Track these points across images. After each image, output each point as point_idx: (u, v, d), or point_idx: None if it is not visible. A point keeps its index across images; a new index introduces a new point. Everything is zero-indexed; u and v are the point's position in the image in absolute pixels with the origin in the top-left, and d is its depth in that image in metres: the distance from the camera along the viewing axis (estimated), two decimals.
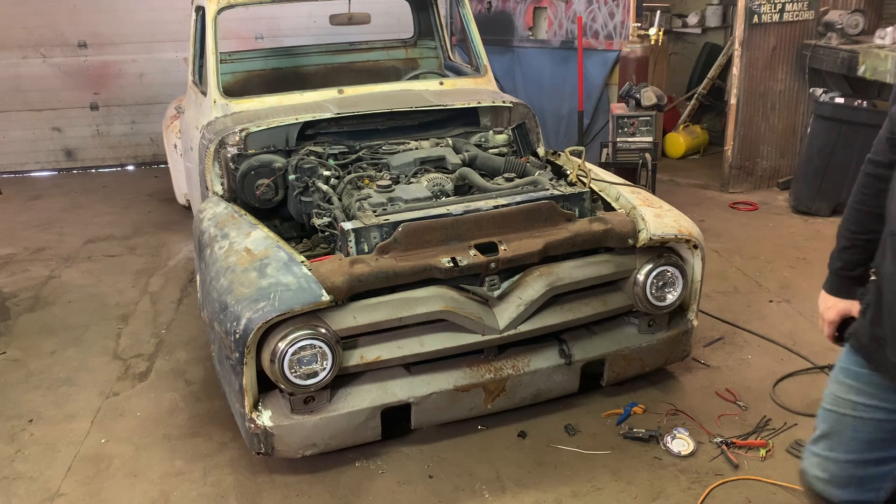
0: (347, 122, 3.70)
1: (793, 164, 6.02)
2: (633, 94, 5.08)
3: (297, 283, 2.59)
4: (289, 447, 2.72)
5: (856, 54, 5.24)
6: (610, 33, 6.27)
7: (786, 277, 4.47)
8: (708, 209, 5.68)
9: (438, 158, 3.46)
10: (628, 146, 5.02)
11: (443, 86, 4.13)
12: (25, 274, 4.92)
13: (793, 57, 5.88)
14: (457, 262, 2.72)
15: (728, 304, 4.13)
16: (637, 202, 3.13)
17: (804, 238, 5.11)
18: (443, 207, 2.92)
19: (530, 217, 2.90)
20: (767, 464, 2.85)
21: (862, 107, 5.22)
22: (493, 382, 2.89)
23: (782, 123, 6.07)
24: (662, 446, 2.95)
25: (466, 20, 4.42)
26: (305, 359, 2.57)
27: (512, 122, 3.86)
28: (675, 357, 3.27)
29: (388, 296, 2.74)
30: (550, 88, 6.68)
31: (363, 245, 2.78)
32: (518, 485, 2.80)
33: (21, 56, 7.10)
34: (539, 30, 6.82)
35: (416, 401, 2.80)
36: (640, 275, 2.99)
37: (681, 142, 7.12)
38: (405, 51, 5.37)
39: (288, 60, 5.20)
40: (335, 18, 4.94)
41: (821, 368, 3.47)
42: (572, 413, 3.18)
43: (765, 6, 5.67)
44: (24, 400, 3.48)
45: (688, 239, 3.04)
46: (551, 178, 3.28)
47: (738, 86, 5.87)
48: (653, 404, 3.23)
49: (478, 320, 2.80)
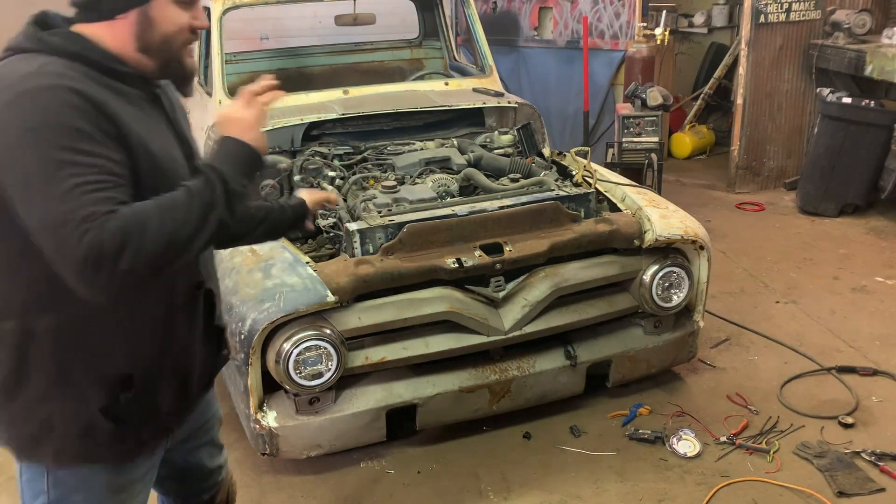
0: (353, 123, 3.70)
1: (799, 164, 6.00)
2: (638, 95, 5.06)
3: (303, 283, 2.59)
4: (294, 448, 2.71)
5: (863, 54, 5.22)
6: (616, 33, 6.25)
7: (793, 278, 4.45)
8: (714, 210, 5.66)
9: (444, 159, 3.46)
10: (634, 146, 4.99)
11: (448, 86, 4.13)
12: None
13: (799, 57, 5.86)
14: (462, 263, 2.72)
15: (734, 305, 4.11)
16: (643, 203, 3.12)
17: (811, 239, 5.09)
18: (448, 208, 2.91)
19: (536, 218, 2.90)
20: (774, 465, 2.84)
21: (869, 107, 5.20)
22: (499, 384, 2.88)
23: (789, 123, 6.04)
24: (668, 447, 2.94)
25: (471, 20, 4.42)
26: (310, 359, 2.56)
27: (517, 123, 3.85)
28: (681, 358, 3.26)
29: (393, 297, 2.74)
30: (556, 89, 6.66)
31: (368, 246, 2.78)
32: (523, 486, 2.79)
33: None
34: (544, 30, 6.80)
35: (422, 402, 2.80)
36: (645, 276, 2.98)
37: (687, 142, 7.10)
38: (410, 51, 5.36)
39: (293, 61, 5.20)
40: (340, 19, 4.94)
41: (828, 370, 3.45)
42: (578, 414, 3.17)
43: (771, 6, 5.65)
44: None
45: (694, 240, 3.03)
46: (557, 178, 3.28)
47: (745, 86, 5.85)
48: (658, 405, 3.22)
49: (483, 321, 2.79)
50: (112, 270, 1.27)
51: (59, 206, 1.27)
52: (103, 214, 1.26)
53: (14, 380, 1.47)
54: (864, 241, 5.01)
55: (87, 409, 1.49)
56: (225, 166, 1.44)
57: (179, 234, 1.33)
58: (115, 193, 1.31)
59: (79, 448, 1.51)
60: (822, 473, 2.77)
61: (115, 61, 1.46)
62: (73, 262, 1.27)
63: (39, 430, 1.49)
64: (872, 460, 2.82)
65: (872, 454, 2.84)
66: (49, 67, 1.37)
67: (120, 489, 1.60)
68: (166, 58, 1.51)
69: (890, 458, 2.83)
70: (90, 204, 1.27)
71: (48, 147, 1.29)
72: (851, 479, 2.73)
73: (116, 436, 1.52)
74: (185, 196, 1.36)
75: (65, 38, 1.43)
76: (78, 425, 1.49)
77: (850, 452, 2.88)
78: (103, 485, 1.57)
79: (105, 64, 1.44)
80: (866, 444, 2.92)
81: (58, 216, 1.26)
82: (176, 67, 1.54)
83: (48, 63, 1.38)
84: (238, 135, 1.49)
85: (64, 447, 1.51)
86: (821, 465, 2.81)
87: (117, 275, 1.28)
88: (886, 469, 2.77)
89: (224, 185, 1.40)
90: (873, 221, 5.33)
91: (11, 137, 1.30)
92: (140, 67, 1.50)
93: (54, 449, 1.51)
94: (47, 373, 1.46)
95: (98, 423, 1.49)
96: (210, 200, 1.38)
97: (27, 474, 1.56)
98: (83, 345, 1.46)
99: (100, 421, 1.49)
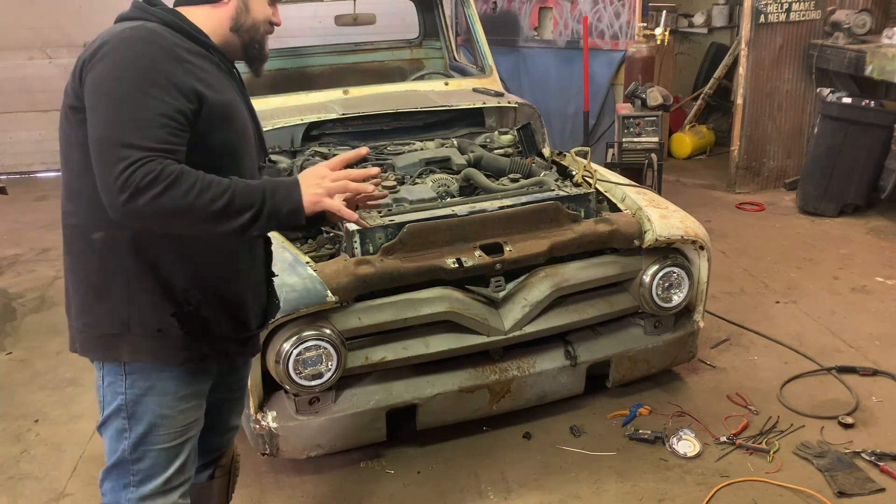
0: (353, 123, 3.70)
1: (799, 164, 6.00)
2: (638, 94, 5.06)
3: (303, 283, 2.59)
4: (294, 448, 2.71)
5: (863, 54, 5.22)
6: (616, 33, 6.26)
7: (793, 278, 4.45)
8: (714, 210, 5.66)
9: (444, 159, 3.46)
10: (634, 146, 4.99)
11: (448, 86, 4.13)
12: (31, 274, 4.93)
13: (799, 57, 5.86)
14: (462, 263, 2.72)
15: (734, 305, 4.11)
16: (643, 203, 3.12)
17: (811, 239, 5.09)
18: (448, 208, 2.91)
19: (536, 218, 2.90)
20: (774, 465, 2.84)
21: (869, 107, 5.20)
22: (499, 384, 2.88)
23: (789, 123, 6.04)
24: (668, 448, 2.94)
25: (472, 20, 4.42)
26: (310, 360, 2.56)
27: (517, 123, 3.85)
28: (681, 358, 3.26)
29: (393, 297, 2.74)
30: (556, 89, 6.66)
31: (368, 246, 2.78)
32: (523, 486, 2.79)
33: (27, 57, 7.12)
34: (544, 30, 6.81)
35: (422, 402, 2.80)
36: (645, 276, 2.98)
37: (687, 142, 7.10)
38: (410, 51, 5.36)
39: (293, 61, 5.20)
40: (340, 19, 4.94)
41: (828, 370, 3.45)
42: (578, 414, 3.17)
43: (771, 6, 5.65)
44: (29, 400, 3.49)
45: (694, 240, 3.03)
46: (557, 178, 3.28)
47: (745, 86, 5.85)
48: (658, 406, 3.22)
49: (483, 321, 2.79)
50: (131, 202, 1.46)
51: (116, 128, 1.50)
52: (147, 150, 1.48)
53: (101, 283, 1.71)
54: (864, 241, 5.01)
55: (159, 314, 1.71)
56: (276, 198, 1.61)
57: (194, 212, 1.51)
58: (167, 135, 1.52)
59: (151, 346, 1.72)
60: (822, 473, 2.77)
61: (203, 34, 1.74)
62: (105, 179, 1.49)
63: (121, 329, 1.71)
64: (872, 460, 2.82)
65: (872, 454, 2.84)
66: (147, 26, 1.64)
67: (183, 398, 1.80)
68: (250, 39, 1.82)
69: (890, 458, 2.83)
70: (140, 137, 1.48)
71: (130, 84, 1.52)
72: (851, 480, 2.73)
73: (183, 341, 1.74)
74: (226, 189, 1.54)
75: (164, 10, 1.72)
76: (152, 326, 1.71)
77: (850, 452, 2.88)
78: (170, 390, 1.77)
79: (194, 34, 1.71)
80: (866, 444, 2.92)
81: (111, 135, 1.49)
82: (257, 49, 1.85)
83: (147, 24, 1.65)
84: (305, 188, 1.65)
85: (140, 344, 1.72)
86: (821, 465, 2.81)
87: (135, 208, 1.47)
88: (886, 469, 2.77)
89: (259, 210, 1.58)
90: (873, 221, 5.33)
91: (105, 70, 1.55)
92: (226, 44, 1.79)
93: (131, 346, 1.72)
94: (128, 279, 1.69)
95: (168, 327, 1.72)
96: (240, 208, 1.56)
97: (108, 378, 1.76)
98: (155, 260, 1.69)
99: (170, 325, 1.72)
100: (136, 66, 1.55)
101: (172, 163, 1.50)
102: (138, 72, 1.54)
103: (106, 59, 1.55)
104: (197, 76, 1.62)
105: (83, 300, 1.75)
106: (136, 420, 1.76)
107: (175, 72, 1.58)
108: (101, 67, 1.55)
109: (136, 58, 1.56)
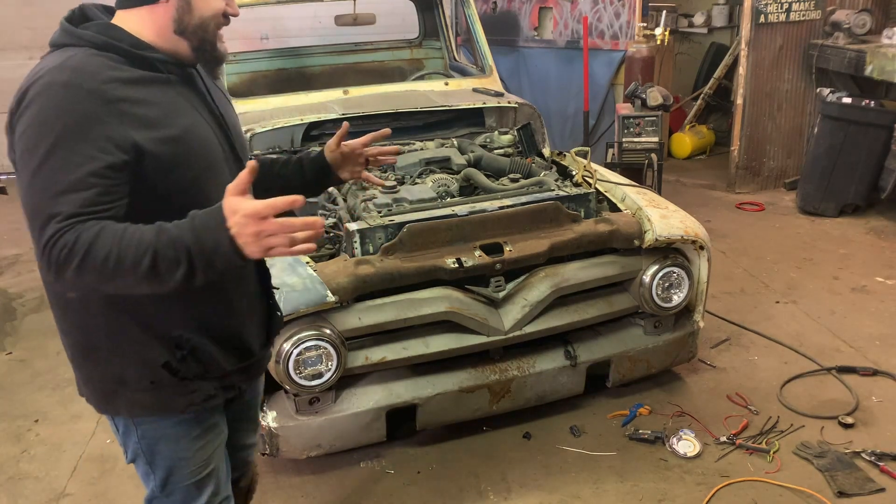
0: (353, 123, 3.68)
1: (799, 164, 6.00)
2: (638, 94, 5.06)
3: (303, 283, 2.59)
4: (294, 448, 2.71)
5: (863, 54, 5.22)
6: (615, 33, 6.26)
7: (793, 278, 4.45)
8: (714, 210, 5.66)
9: (443, 159, 3.46)
10: (634, 146, 4.99)
11: (448, 86, 4.13)
12: (32, 274, 4.93)
13: (799, 57, 5.86)
14: (462, 263, 2.72)
15: (734, 305, 4.11)
16: (643, 203, 3.12)
17: (811, 239, 5.09)
18: (448, 208, 2.91)
19: (536, 218, 2.90)
20: (774, 465, 2.84)
21: (869, 107, 5.19)
22: (499, 384, 2.88)
23: (789, 123, 6.04)
24: (668, 448, 2.94)
25: (471, 20, 4.41)
26: (310, 360, 2.57)
27: (517, 123, 3.85)
28: (681, 358, 3.26)
29: (393, 297, 2.74)
30: (556, 89, 6.66)
31: (368, 246, 2.78)
32: (523, 486, 2.79)
33: (27, 57, 7.10)
34: (544, 30, 6.81)
35: (422, 402, 2.80)
36: (645, 276, 2.98)
37: (687, 142, 7.10)
38: (410, 51, 5.36)
39: (293, 61, 5.20)
40: (340, 19, 4.94)
41: (828, 370, 3.45)
42: (577, 414, 3.17)
43: (771, 6, 5.65)
44: (29, 400, 3.49)
45: (694, 240, 3.03)
46: (557, 178, 3.28)
47: (745, 86, 5.85)
48: (658, 406, 3.22)
49: (483, 321, 2.79)
50: (59, 277, 1.37)
51: (36, 195, 1.38)
52: (68, 218, 1.35)
53: (85, 341, 1.64)
54: (864, 241, 5.01)
55: (151, 365, 1.62)
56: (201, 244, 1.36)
57: (122, 276, 1.36)
58: (95, 196, 1.38)
59: (149, 400, 1.65)
60: (822, 473, 2.77)
61: (144, 48, 1.54)
62: (36, 255, 1.39)
63: (115, 385, 1.64)
64: (872, 460, 2.82)
65: (872, 454, 2.84)
66: (72, 61, 1.46)
67: (197, 438, 1.74)
68: (200, 40, 1.60)
69: (890, 458, 2.83)
70: (63, 203, 1.36)
71: (54, 141, 1.38)
72: (851, 479, 2.73)
73: (181, 389, 1.65)
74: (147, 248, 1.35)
75: (94, 30, 1.53)
76: (145, 379, 1.63)
77: (850, 452, 2.88)
78: (182, 434, 1.72)
79: (132, 52, 1.52)
80: (866, 444, 2.92)
81: (35, 204, 1.38)
82: (209, 50, 1.63)
83: (74, 55, 1.47)
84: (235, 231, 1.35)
85: (136, 399, 1.65)
86: (821, 465, 2.81)
87: (67, 281, 1.38)
88: (886, 469, 2.77)
89: (187, 266, 1.36)
90: (873, 221, 5.33)
91: (26, 127, 1.42)
92: (175, 50, 1.59)
93: (128, 401, 1.66)
94: (110, 335, 1.60)
95: (162, 378, 1.63)
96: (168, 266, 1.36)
97: (121, 428, 1.73)
98: (134, 311, 1.58)
99: (164, 375, 1.63)
100: (58, 119, 1.39)
101: (90, 226, 1.34)
102: (62, 128, 1.38)
103: (28, 112, 1.41)
104: (135, 117, 1.44)
105: (73, 357, 1.70)
106: (155, 466, 1.74)
107: (106, 120, 1.41)
108: (25, 122, 1.41)
109: (59, 111, 1.39)
